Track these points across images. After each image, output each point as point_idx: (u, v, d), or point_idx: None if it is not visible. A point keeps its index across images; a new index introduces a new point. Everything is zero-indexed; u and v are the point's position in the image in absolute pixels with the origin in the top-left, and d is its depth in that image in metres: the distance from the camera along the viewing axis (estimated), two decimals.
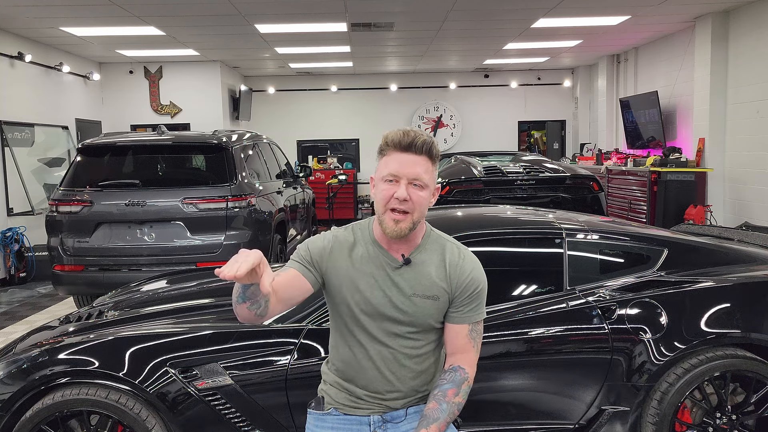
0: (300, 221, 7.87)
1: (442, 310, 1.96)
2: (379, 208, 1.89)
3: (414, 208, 1.85)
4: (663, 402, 2.78)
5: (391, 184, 1.86)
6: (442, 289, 1.94)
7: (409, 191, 1.84)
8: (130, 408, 2.63)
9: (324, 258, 1.96)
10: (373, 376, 1.96)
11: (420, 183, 1.85)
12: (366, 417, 1.98)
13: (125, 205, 5.56)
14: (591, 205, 6.41)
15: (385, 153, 1.89)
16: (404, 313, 1.92)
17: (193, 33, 9.25)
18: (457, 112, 14.24)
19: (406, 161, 1.84)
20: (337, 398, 2.01)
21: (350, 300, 1.94)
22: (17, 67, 8.88)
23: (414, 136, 1.85)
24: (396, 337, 1.94)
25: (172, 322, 3.00)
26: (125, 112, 11.95)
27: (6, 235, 8.19)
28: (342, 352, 2.00)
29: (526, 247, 3.16)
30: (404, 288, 1.93)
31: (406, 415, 1.98)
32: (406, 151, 1.85)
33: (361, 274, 1.94)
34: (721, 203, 8.78)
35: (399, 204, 1.84)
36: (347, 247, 1.97)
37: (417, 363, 1.97)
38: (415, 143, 1.84)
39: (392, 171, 1.85)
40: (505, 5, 7.84)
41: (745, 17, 8.24)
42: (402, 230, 1.86)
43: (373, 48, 10.73)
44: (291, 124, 14.14)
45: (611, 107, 12.51)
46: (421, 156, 1.86)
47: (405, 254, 1.94)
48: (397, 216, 1.85)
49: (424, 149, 1.85)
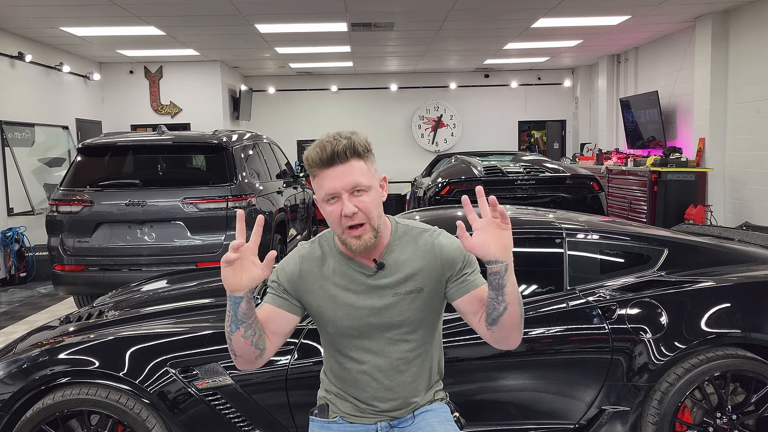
0: (300, 221, 7.87)
1: (429, 302, 1.88)
2: (336, 229, 1.80)
3: (368, 216, 1.76)
4: (663, 402, 2.78)
5: (334, 202, 1.76)
6: (425, 278, 1.85)
7: (354, 203, 1.74)
8: (130, 408, 2.63)
9: (295, 284, 1.89)
10: (372, 389, 1.90)
11: (361, 188, 1.75)
12: (373, 425, 1.94)
13: (125, 205, 5.56)
14: (591, 205, 6.41)
15: (314, 174, 1.78)
16: (391, 315, 1.85)
17: (193, 33, 9.25)
18: (458, 112, 14.24)
19: (337, 175, 1.73)
20: (342, 408, 1.96)
21: (333, 318, 1.87)
22: (17, 67, 8.88)
23: (331, 146, 1.73)
24: (388, 343, 1.88)
25: (172, 322, 3.01)
26: (125, 112, 11.95)
27: (6, 235, 8.19)
28: (335, 369, 1.95)
29: (526, 247, 3.15)
30: (385, 291, 1.85)
31: (414, 418, 1.94)
32: (331, 165, 1.74)
33: (337, 289, 1.87)
34: (721, 203, 8.78)
35: (351, 220, 1.75)
36: (316, 265, 1.89)
37: (413, 366, 1.91)
38: (336, 153, 1.72)
39: (328, 191, 1.75)
40: (506, 5, 7.84)
41: (745, 17, 8.23)
42: (368, 242, 1.77)
43: (374, 48, 10.73)
44: (291, 124, 14.15)
45: (611, 107, 12.51)
46: (348, 162, 1.74)
47: (377, 258, 1.86)
48: (356, 231, 1.76)
49: (348, 153, 1.73)
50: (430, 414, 1.95)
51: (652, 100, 10.04)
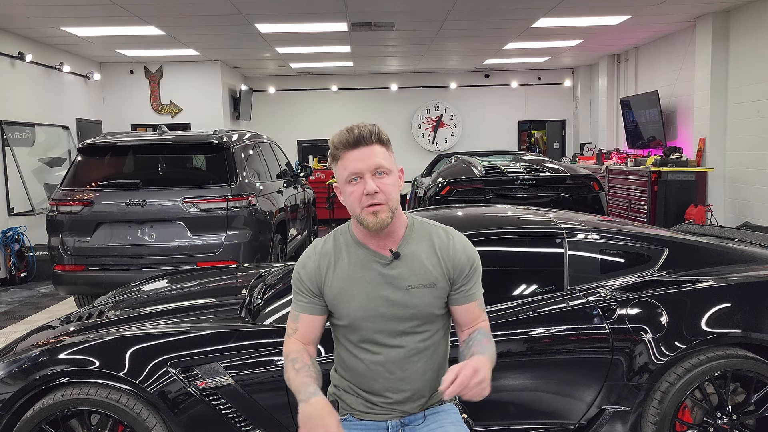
0: (300, 221, 7.87)
1: (441, 297, 1.95)
2: (355, 209, 1.88)
3: (387, 197, 1.85)
4: (663, 402, 2.78)
5: (357, 183, 1.85)
6: (438, 275, 1.93)
7: (376, 182, 1.84)
8: (130, 408, 2.63)
9: (316, 279, 1.97)
10: (384, 380, 1.94)
11: (383, 170, 1.85)
12: (384, 422, 1.96)
13: (126, 205, 5.56)
14: (591, 204, 6.41)
15: (338, 157, 1.88)
16: (404, 307, 1.91)
17: (193, 33, 9.25)
18: (458, 112, 14.24)
19: (361, 156, 1.84)
20: (353, 405, 1.99)
21: (347, 309, 1.93)
22: (18, 67, 8.88)
23: (358, 129, 1.86)
24: (401, 335, 1.93)
25: (172, 321, 3.00)
26: (126, 112, 11.95)
27: (6, 235, 8.19)
28: (349, 362, 1.99)
29: (526, 247, 3.15)
30: (399, 282, 1.91)
31: (425, 417, 1.97)
32: (357, 146, 1.85)
33: (351, 281, 1.93)
34: (721, 203, 8.78)
35: (372, 198, 1.83)
36: (333, 258, 1.97)
37: (426, 356, 1.95)
38: (362, 135, 1.85)
39: (353, 170, 1.85)
40: (506, 5, 7.84)
41: (745, 17, 8.23)
42: (384, 220, 1.85)
43: (374, 48, 10.73)
44: (291, 123, 14.16)
45: (612, 107, 12.51)
46: (372, 146, 1.86)
47: (393, 249, 1.93)
48: (374, 208, 1.84)
49: (373, 138, 1.86)
50: (441, 415, 1.98)
51: (652, 99, 10.04)
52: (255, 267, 4.24)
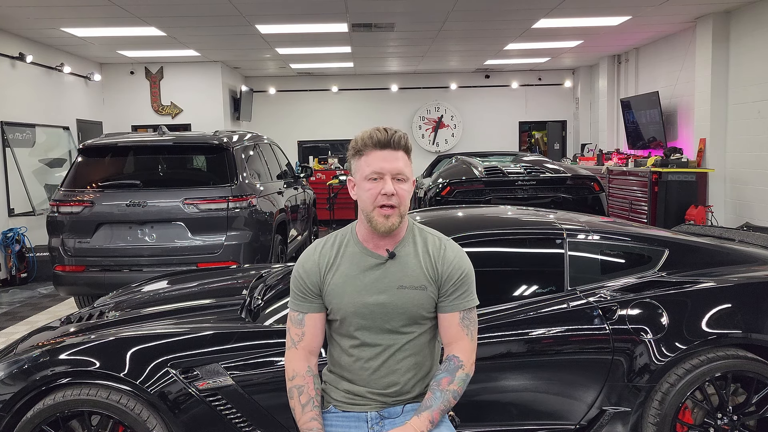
0: (301, 222, 7.87)
1: (431, 300, 1.99)
2: (367, 206, 1.93)
3: (401, 202, 1.92)
4: (664, 402, 2.78)
5: (376, 181, 1.91)
6: (428, 279, 1.99)
7: (394, 186, 1.90)
8: (131, 408, 2.63)
9: (318, 279, 2.02)
10: (374, 375, 1.99)
11: (402, 177, 1.93)
12: (364, 413, 2.01)
13: (126, 206, 5.56)
14: (592, 205, 6.42)
15: (363, 153, 1.94)
16: (394, 306, 1.96)
17: (193, 33, 9.26)
18: (458, 113, 14.24)
19: (387, 157, 1.91)
20: (335, 396, 2.06)
21: (339, 305, 1.99)
22: (18, 67, 8.89)
23: (391, 132, 1.93)
24: (391, 333, 1.98)
25: (173, 322, 3.01)
26: (126, 113, 11.96)
27: (7, 236, 8.19)
28: (339, 357, 2.05)
29: (527, 248, 3.16)
30: (391, 282, 1.97)
31: (403, 411, 2.01)
32: (386, 148, 1.92)
33: (347, 279, 1.99)
34: (722, 204, 8.78)
35: (387, 200, 1.90)
36: (333, 255, 2.03)
37: (414, 356, 2.01)
38: (393, 139, 1.92)
39: (376, 169, 1.91)
40: (506, 6, 7.84)
41: (746, 17, 8.23)
42: (393, 224, 1.92)
43: (374, 48, 10.73)
44: (292, 124, 14.15)
45: (612, 108, 12.51)
46: (399, 151, 1.93)
47: (389, 249, 1.99)
48: (387, 211, 1.91)
49: (401, 144, 1.94)
50: None
51: (652, 100, 10.04)
52: (255, 268, 4.24)
